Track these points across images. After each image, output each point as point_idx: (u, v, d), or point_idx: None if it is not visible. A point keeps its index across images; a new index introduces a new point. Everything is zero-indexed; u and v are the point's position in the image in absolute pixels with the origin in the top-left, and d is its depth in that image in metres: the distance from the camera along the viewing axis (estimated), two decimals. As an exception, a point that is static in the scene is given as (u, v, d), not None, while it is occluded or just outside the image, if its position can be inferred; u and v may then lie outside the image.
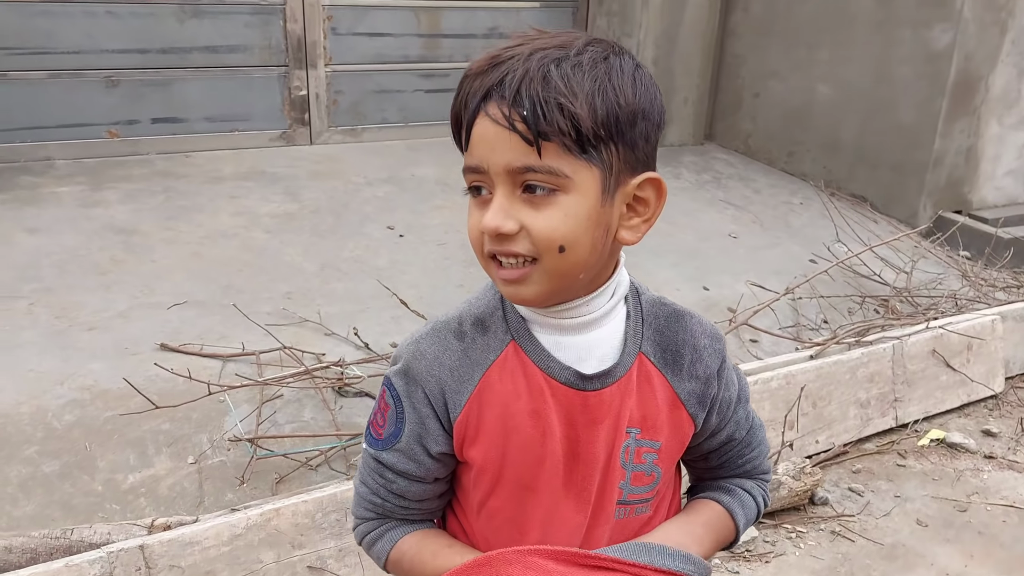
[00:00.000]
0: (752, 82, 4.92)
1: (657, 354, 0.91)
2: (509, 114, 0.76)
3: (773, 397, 2.46)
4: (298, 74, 4.11)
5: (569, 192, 0.78)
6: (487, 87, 0.78)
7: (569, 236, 0.78)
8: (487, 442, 0.88)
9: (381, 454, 0.92)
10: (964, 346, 2.89)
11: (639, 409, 0.89)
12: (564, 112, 0.75)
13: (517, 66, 0.77)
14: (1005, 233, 4.07)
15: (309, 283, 2.99)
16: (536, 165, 0.77)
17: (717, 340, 0.95)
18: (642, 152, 0.82)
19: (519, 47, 0.79)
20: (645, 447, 0.90)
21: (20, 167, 3.55)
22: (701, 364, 0.92)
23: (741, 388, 1.00)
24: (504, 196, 0.79)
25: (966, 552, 2.18)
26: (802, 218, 4.25)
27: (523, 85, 0.75)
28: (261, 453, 2.19)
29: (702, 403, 0.93)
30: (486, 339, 0.89)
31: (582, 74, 0.76)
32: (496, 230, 0.79)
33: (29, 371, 2.32)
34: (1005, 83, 4.19)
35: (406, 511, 0.95)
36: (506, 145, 0.77)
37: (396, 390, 0.90)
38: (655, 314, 0.92)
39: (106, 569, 1.57)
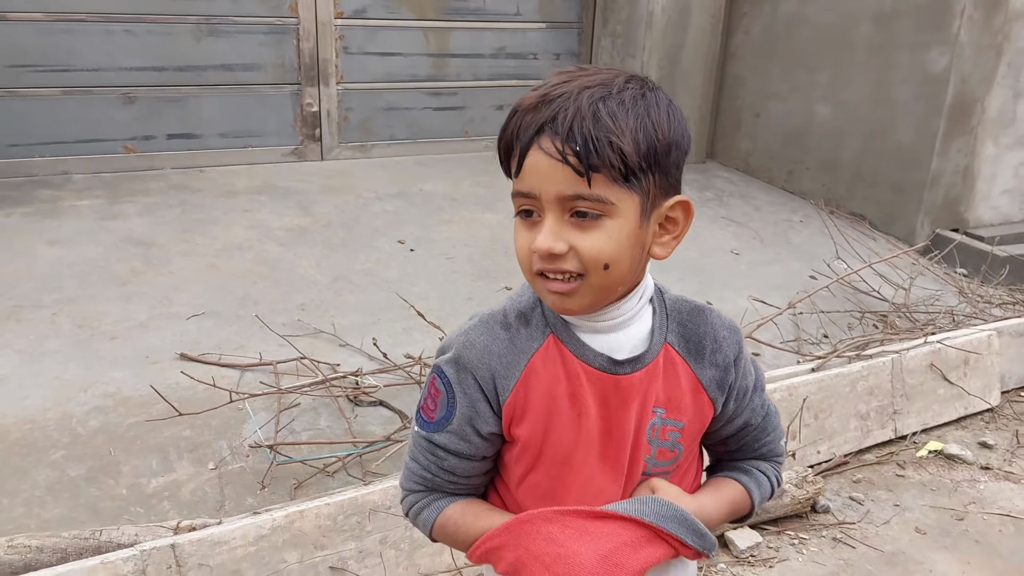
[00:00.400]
0: (752, 103, 5.02)
1: (681, 344, 1.01)
2: (563, 149, 0.85)
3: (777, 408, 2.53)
4: (310, 91, 4.21)
5: (613, 216, 0.88)
6: (540, 123, 0.86)
7: (613, 255, 0.88)
8: (532, 421, 0.98)
9: (433, 435, 1.01)
10: (961, 360, 2.97)
11: (665, 392, 1.00)
12: (613, 148, 0.84)
13: (568, 104, 0.85)
14: (1001, 251, 4.15)
15: (322, 295, 3.06)
16: (586, 194, 0.86)
17: (735, 332, 1.04)
18: (674, 178, 0.92)
19: (567, 84, 0.88)
20: (670, 425, 1.00)
21: (39, 180, 3.63)
22: (720, 353, 1.02)
23: (757, 378, 1.09)
24: (555, 220, 0.88)
25: (963, 560, 2.24)
26: (802, 235, 4.34)
27: (575, 123, 0.84)
28: (280, 459, 2.25)
29: (721, 388, 1.02)
30: (529, 331, 0.99)
31: (625, 111, 0.86)
32: (549, 251, 0.88)
33: (54, 379, 2.39)
34: (1001, 105, 4.29)
35: (454, 486, 1.04)
36: (558, 175, 0.86)
37: (447, 377, 0.99)
38: (678, 310, 1.03)
39: (139, 566, 1.64)
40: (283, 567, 1.78)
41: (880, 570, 2.18)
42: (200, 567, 1.69)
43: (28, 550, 1.75)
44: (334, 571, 1.84)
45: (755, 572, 2.16)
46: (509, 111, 0.91)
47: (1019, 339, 3.23)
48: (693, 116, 5.01)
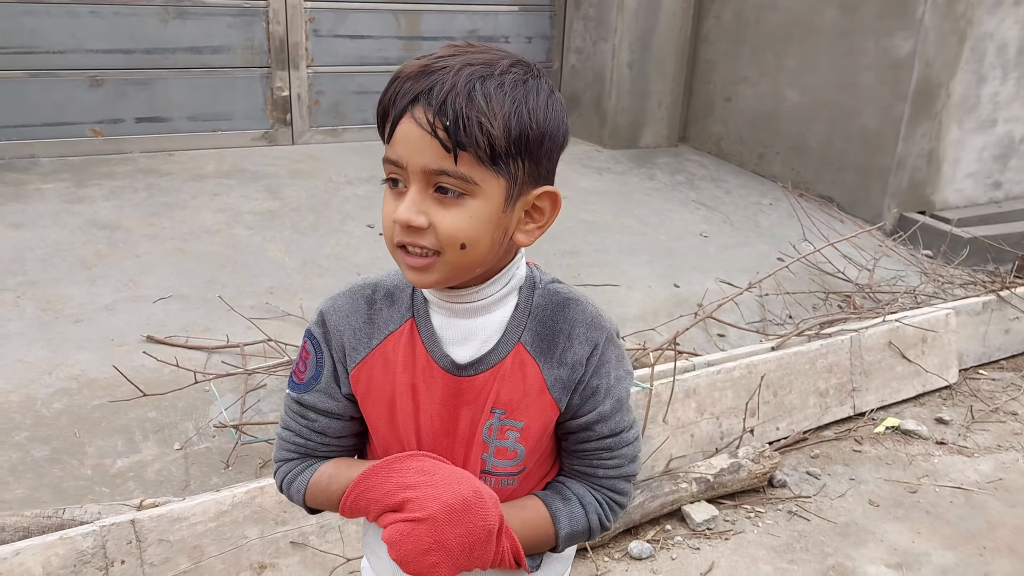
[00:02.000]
0: (723, 87, 5.06)
1: (535, 342, 0.98)
2: (433, 121, 0.84)
3: (735, 386, 2.58)
4: (280, 75, 4.19)
5: (476, 197, 0.87)
6: (416, 91, 0.85)
7: (471, 235, 0.88)
8: (376, 403, 1.00)
9: (304, 396, 1.02)
10: (919, 339, 3.03)
11: (507, 393, 0.98)
12: (482, 129, 0.83)
13: (447, 78, 0.84)
14: (964, 232, 4.23)
15: (291, 279, 3.07)
16: (450, 170, 0.85)
17: (594, 328, 0.99)
18: (544, 168, 0.91)
19: (451, 58, 0.87)
20: (508, 426, 0.98)
21: (5, 164, 3.61)
22: (571, 351, 0.98)
23: (616, 386, 1.01)
24: (417, 192, 0.87)
25: (914, 529, 2.31)
26: (771, 218, 4.39)
27: (449, 97, 0.83)
28: (245, 439, 2.27)
29: (566, 388, 0.99)
30: (391, 311, 0.99)
31: (503, 94, 0.85)
32: (407, 222, 0.87)
33: (17, 361, 2.39)
34: (964, 89, 4.35)
35: (327, 448, 1.05)
36: (426, 148, 0.85)
37: (316, 338, 1.01)
38: (543, 305, 0.99)
39: (98, 542, 1.65)
40: (244, 542, 1.80)
41: (832, 540, 2.24)
42: (160, 542, 1.71)
43: (-11, 528, 1.77)
44: (295, 546, 1.86)
45: (711, 544, 2.21)
46: (391, 76, 0.90)
47: (976, 318, 3.30)
48: (665, 100, 5.04)
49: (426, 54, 0.89)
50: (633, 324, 3.08)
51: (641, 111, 4.96)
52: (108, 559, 1.67)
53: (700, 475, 2.31)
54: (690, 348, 2.93)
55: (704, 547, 2.19)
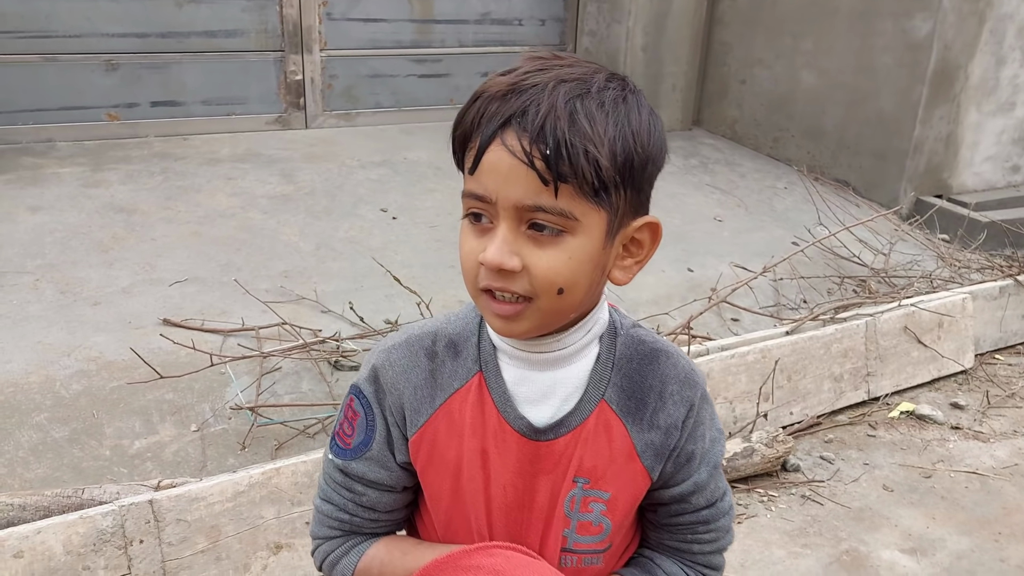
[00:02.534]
0: (738, 69, 5.02)
1: (621, 401, 0.86)
2: (530, 150, 0.73)
3: (749, 370, 2.57)
4: (294, 58, 4.19)
5: (576, 234, 0.76)
6: (507, 114, 0.74)
7: (570, 278, 0.77)
8: (439, 472, 0.88)
9: (350, 464, 0.89)
10: (935, 323, 3.01)
11: (591, 459, 0.86)
12: (588, 157, 0.73)
13: (541, 97, 0.73)
14: (982, 216, 4.19)
15: (305, 262, 3.08)
16: (548, 206, 0.74)
17: (688, 386, 0.88)
18: (645, 195, 0.82)
19: (541, 73, 0.76)
20: (592, 497, 0.87)
21: (22, 148, 3.63)
22: (664, 412, 0.87)
23: (711, 450, 0.91)
24: (509, 230, 0.76)
25: (928, 514, 2.30)
26: (786, 202, 4.36)
27: (548, 121, 0.72)
28: (261, 421, 2.29)
29: (659, 455, 0.87)
30: (455, 364, 0.87)
31: (604, 115, 0.74)
32: (499, 266, 0.76)
33: (37, 343, 2.42)
34: (983, 71, 4.30)
35: (375, 524, 0.93)
36: (520, 180, 0.74)
37: (366, 397, 0.89)
38: (628, 356, 0.88)
39: (118, 522, 1.68)
40: (261, 522, 1.82)
41: (846, 525, 2.24)
42: (178, 522, 1.73)
43: (10, 508, 1.79)
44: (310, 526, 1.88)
45: (725, 528, 2.21)
46: (471, 96, 0.79)
47: (993, 302, 3.28)
48: (679, 83, 5.01)
49: (509, 68, 0.78)
50: (646, 308, 3.08)
51: (655, 94, 4.93)
52: (127, 538, 1.69)
53: (713, 459, 2.32)
54: (704, 332, 2.92)
55: (717, 530, 2.20)
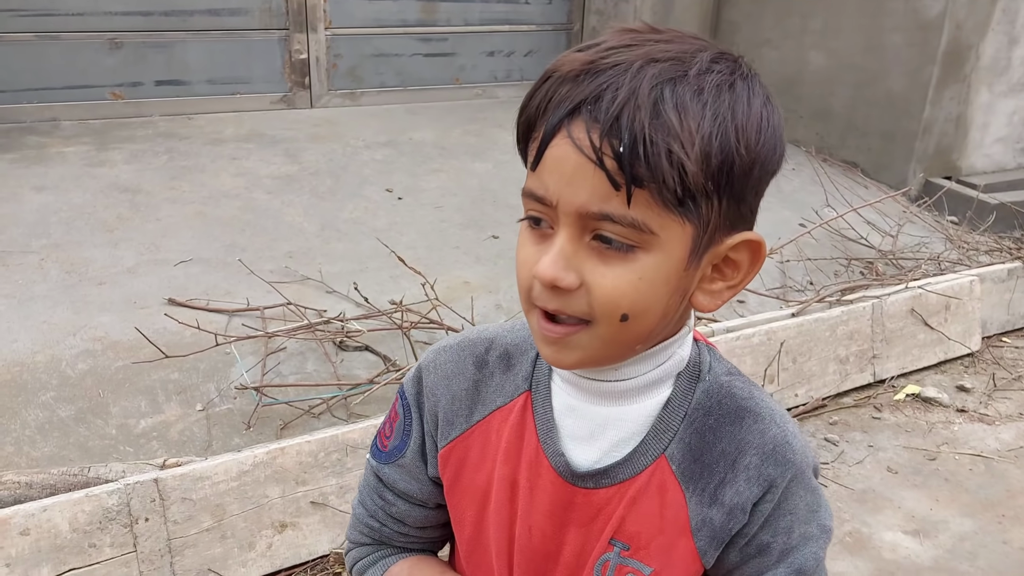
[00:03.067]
0: (747, 49, 4.97)
1: (686, 462, 0.71)
2: (600, 145, 0.59)
3: (754, 352, 2.57)
4: (298, 37, 4.16)
5: (650, 251, 0.62)
6: (578, 99, 0.60)
7: (638, 304, 0.63)
8: (467, 496, 0.78)
9: (383, 468, 0.82)
10: (942, 306, 3.00)
11: (635, 523, 0.71)
12: (672, 159, 0.59)
13: (622, 80, 0.59)
14: (991, 198, 4.16)
15: (310, 243, 3.08)
16: (618, 215, 0.60)
17: (773, 463, 0.70)
18: (748, 207, 0.66)
19: (627, 50, 0.62)
20: (630, 567, 0.72)
21: (27, 127, 3.63)
22: (732, 488, 0.70)
23: (798, 545, 0.72)
24: (568, 240, 0.63)
25: (932, 496, 2.30)
26: (793, 184, 4.33)
27: (626, 110, 0.58)
28: (266, 401, 2.30)
29: (717, 539, 0.71)
30: (503, 379, 0.77)
31: (702, 106, 0.60)
32: (553, 282, 0.63)
33: (43, 322, 2.43)
34: (995, 51, 4.25)
35: (405, 539, 0.85)
36: (587, 181, 0.60)
37: (407, 398, 0.80)
38: (708, 408, 0.71)
39: (123, 500, 1.69)
40: (265, 502, 1.83)
41: (849, 507, 2.24)
42: (183, 501, 1.74)
43: (17, 486, 1.81)
44: (315, 506, 1.89)
45: (728, 509, 2.22)
46: (541, 75, 0.64)
47: (1001, 285, 3.26)
48: (687, 63, 4.96)
49: (590, 42, 0.63)
50: (652, 290, 3.06)
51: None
52: (133, 516, 1.70)
53: (717, 440, 2.32)
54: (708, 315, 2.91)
55: (720, 511, 2.21)
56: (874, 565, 2.03)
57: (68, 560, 1.66)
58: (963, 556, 2.07)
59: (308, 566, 1.92)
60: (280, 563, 1.89)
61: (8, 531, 1.61)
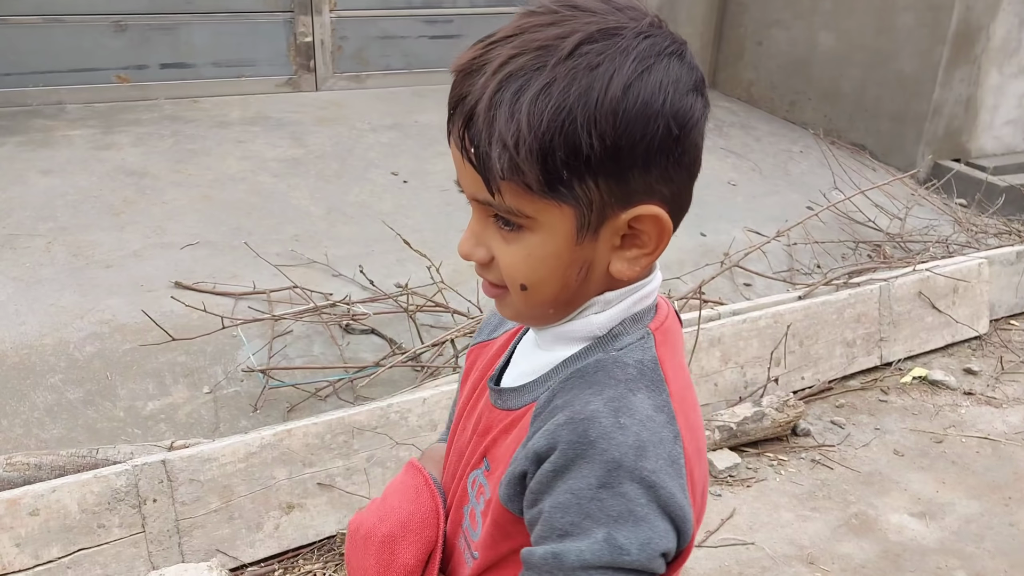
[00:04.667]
0: (755, 31, 4.93)
1: (539, 413, 0.73)
2: (463, 143, 0.65)
3: (761, 335, 2.56)
4: (303, 20, 4.14)
5: (535, 231, 0.67)
6: (454, 102, 0.66)
7: (531, 277, 0.69)
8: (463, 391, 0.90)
9: None
10: (950, 289, 2.98)
11: (498, 449, 0.77)
12: (503, 158, 0.63)
13: (478, 83, 0.64)
14: (1000, 181, 4.13)
15: (316, 226, 3.08)
16: (494, 203, 0.67)
17: (574, 431, 0.66)
18: (638, 183, 0.66)
19: (503, 44, 0.65)
20: (485, 488, 0.78)
21: (33, 111, 3.63)
22: (535, 436, 0.70)
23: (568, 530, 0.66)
24: (477, 221, 0.71)
25: (938, 479, 2.30)
26: (801, 166, 4.31)
27: (478, 110, 0.63)
28: (273, 383, 2.31)
29: (510, 480, 0.72)
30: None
31: (547, 96, 0.62)
32: (466, 257, 0.72)
33: (50, 305, 2.43)
34: (1006, 32, 4.20)
35: None
36: (469, 173, 0.67)
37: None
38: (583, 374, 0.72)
39: (131, 481, 1.70)
40: (272, 483, 1.84)
41: (855, 489, 2.24)
42: (191, 482, 1.75)
43: (27, 467, 1.82)
44: (322, 487, 1.90)
45: (733, 491, 2.22)
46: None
47: (1009, 268, 3.24)
48: (695, 45, 4.90)
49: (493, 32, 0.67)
50: (658, 273, 3.06)
51: (670, 56, 4.84)
52: (141, 497, 1.71)
53: (723, 423, 2.32)
54: (716, 297, 2.90)
55: (726, 494, 2.21)
56: (880, 547, 2.03)
57: (77, 540, 1.67)
58: (969, 538, 2.07)
59: (315, 547, 1.93)
60: (287, 544, 1.90)
61: (18, 511, 1.62)
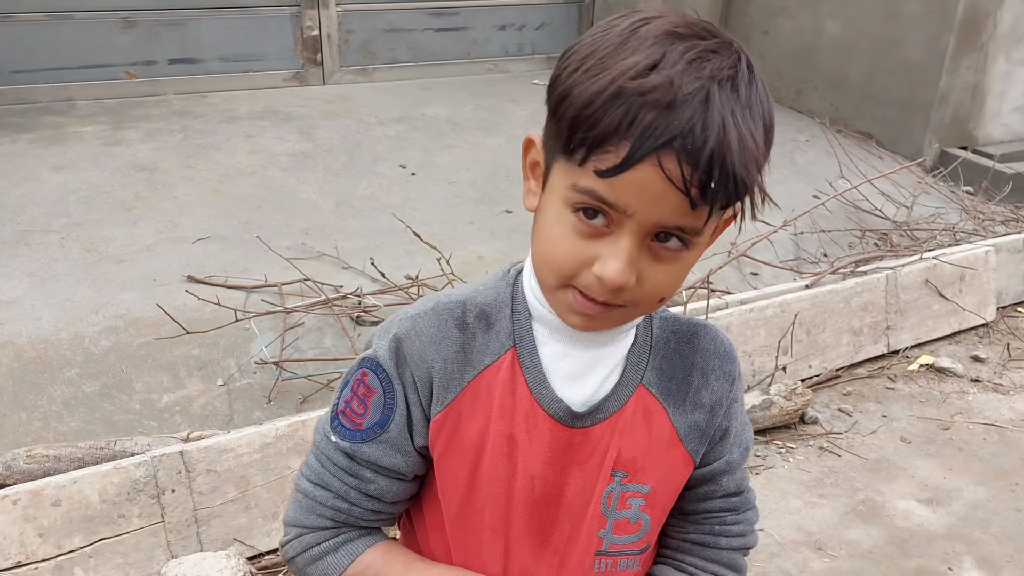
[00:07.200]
0: (761, 19, 4.92)
1: (661, 383, 0.80)
2: (690, 178, 0.63)
3: (768, 324, 2.58)
4: (310, 13, 4.16)
5: (696, 247, 0.70)
6: (670, 134, 0.62)
7: (677, 287, 0.71)
8: (460, 457, 0.79)
9: (361, 447, 0.79)
10: (957, 276, 2.99)
11: (629, 450, 0.79)
12: (749, 179, 0.65)
13: (708, 116, 0.62)
14: (1008, 168, 4.12)
15: (325, 219, 3.10)
16: (689, 227, 0.66)
17: (729, 360, 0.83)
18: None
19: (693, 70, 0.63)
20: (631, 492, 0.80)
21: (43, 107, 3.66)
22: (708, 390, 0.81)
23: (742, 431, 0.86)
24: (634, 246, 0.67)
25: (945, 465, 2.32)
26: (808, 155, 4.31)
27: (717, 150, 0.62)
28: (286, 375, 2.34)
29: (703, 436, 0.82)
30: (486, 338, 0.78)
31: (760, 125, 0.66)
32: (622, 286, 0.67)
33: (65, 300, 2.47)
34: (1013, 19, 4.18)
35: (375, 516, 0.83)
36: (669, 203, 0.64)
37: (385, 371, 0.78)
38: (665, 338, 0.81)
39: (150, 472, 1.73)
40: (288, 473, 1.87)
41: (863, 476, 2.26)
42: (208, 472, 1.78)
43: (46, 459, 1.86)
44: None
45: (742, 478, 2.24)
46: (604, 79, 0.64)
47: (1016, 255, 3.25)
48: (700, 34, 4.91)
49: (648, 55, 0.64)
50: (666, 263, 3.07)
51: (675, 46, 4.84)
52: (159, 488, 1.75)
53: (731, 411, 2.34)
54: (723, 287, 2.92)
55: (734, 481, 2.23)
56: (888, 532, 2.05)
57: (99, 530, 1.71)
58: (976, 523, 2.09)
59: (330, 536, 1.96)
60: (303, 533, 1.93)
61: (41, 502, 1.66)
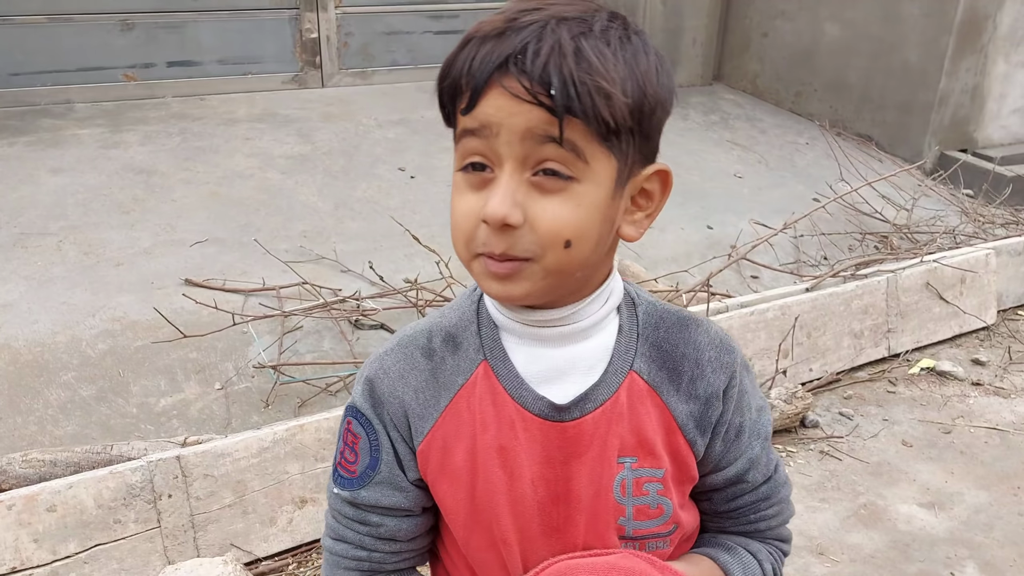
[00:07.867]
0: (760, 22, 4.92)
1: (652, 371, 0.79)
2: (532, 87, 0.65)
3: (769, 327, 2.57)
4: (309, 16, 4.15)
5: (584, 181, 0.69)
6: (504, 54, 0.66)
7: (579, 229, 0.69)
8: (454, 480, 0.79)
9: (359, 494, 0.81)
10: (958, 279, 2.98)
11: (633, 434, 0.78)
12: (600, 93, 0.66)
13: (543, 35, 0.66)
14: (1007, 171, 4.12)
15: (324, 222, 3.09)
16: (562, 157, 0.68)
17: (726, 352, 0.82)
18: (655, 143, 0.75)
19: (537, 12, 0.68)
20: (645, 477, 0.79)
21: (41, 110, 3.64)
22: (703, 381, 0.80)
23: (759, 420, 0.85)
24: (511, 176, 0.68)
25: (947, 469, 2.31)
26: (807, 158, 4.31)
27: (552, 60, 0.65)
28: (284, 379, 2.33)
29: (701, 427, 0.80)
30: (456, 359, 0.79)
31: (613, 55, 0.68)
32: (504, 219, 0.67)
33: (62, 304, 2.45)
34: (1013, 21, 4.18)
35: (397, 557, 0.84)
36: (526, 116, 0.67)
37: (363, 414, 0.81)
38: (654, 324, 0.81)
39: (146, 477, 1.72)
40: (285, 478, 1.86)
41: (864, 480, 2.25)
42: (205, 477, 1.77)
43: (42, 464, 1.84)
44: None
45: (743, 482, 2.23)
46: (459, 41, 0.71)
47: (1017, 258, 3.24)
48: (700, 37, 4.92)
49: (497, 10, 0.70)
50: (666, 266, 3.06)
51: (675, 49, 4.85)
52: (156, 493, 1.73)
53: (732, 415, 2.32)
54: (723, 290, 2.91)
55: (735, 485, 2.22)
56: (889, 537, 2.04)
57: (94, 536, 1.69)
58: (978, 527, 2.07)
59: (328, 541, 1.95)
60: (300, 538, 1.92)
61: (36, 507, 1.65)
